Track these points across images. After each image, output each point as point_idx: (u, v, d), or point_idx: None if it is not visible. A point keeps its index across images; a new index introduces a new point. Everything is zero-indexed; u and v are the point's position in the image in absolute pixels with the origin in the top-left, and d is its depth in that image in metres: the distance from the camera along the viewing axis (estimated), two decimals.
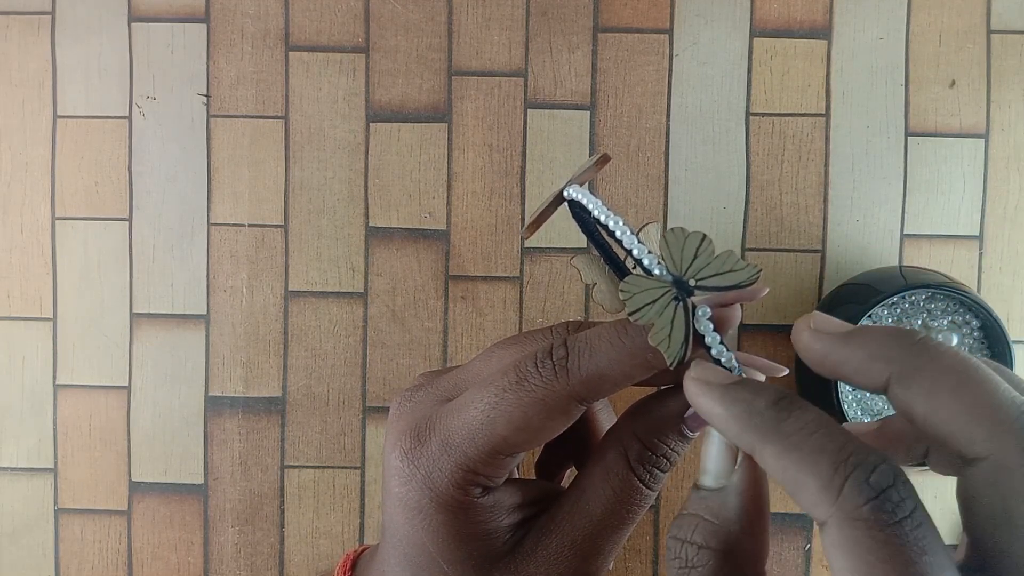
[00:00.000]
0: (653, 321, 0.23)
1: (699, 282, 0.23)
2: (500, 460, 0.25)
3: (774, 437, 0.19)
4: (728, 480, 0.21)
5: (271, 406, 0.42)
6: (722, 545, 0.20)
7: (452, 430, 0.25)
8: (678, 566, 0.21)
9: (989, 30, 0.41)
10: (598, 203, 0.25)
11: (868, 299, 0.36)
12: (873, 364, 0.20)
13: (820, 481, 0.18)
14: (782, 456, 0.19)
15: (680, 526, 0.21)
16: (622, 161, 0.42)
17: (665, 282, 0.23)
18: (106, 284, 0.42)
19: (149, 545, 0.42)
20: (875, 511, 0.17)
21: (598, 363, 0.24)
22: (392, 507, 0.26)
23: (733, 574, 0.20)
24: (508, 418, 0.24)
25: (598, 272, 0.25)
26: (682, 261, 0.23)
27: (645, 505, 0.26)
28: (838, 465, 0.18)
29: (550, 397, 0.24)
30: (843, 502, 0.18)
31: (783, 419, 0.20)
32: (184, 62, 0.42)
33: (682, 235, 0.23)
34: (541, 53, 0.42)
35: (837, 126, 0.41)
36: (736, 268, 0.23)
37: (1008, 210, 0.41)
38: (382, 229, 0.42)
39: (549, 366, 0.24)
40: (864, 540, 0.17)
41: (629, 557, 0.42)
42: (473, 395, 0.25)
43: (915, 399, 0.19)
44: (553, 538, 0.26)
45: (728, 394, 0.21)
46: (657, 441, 0.25)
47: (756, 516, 0.21)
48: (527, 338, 0.27)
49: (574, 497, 0.26)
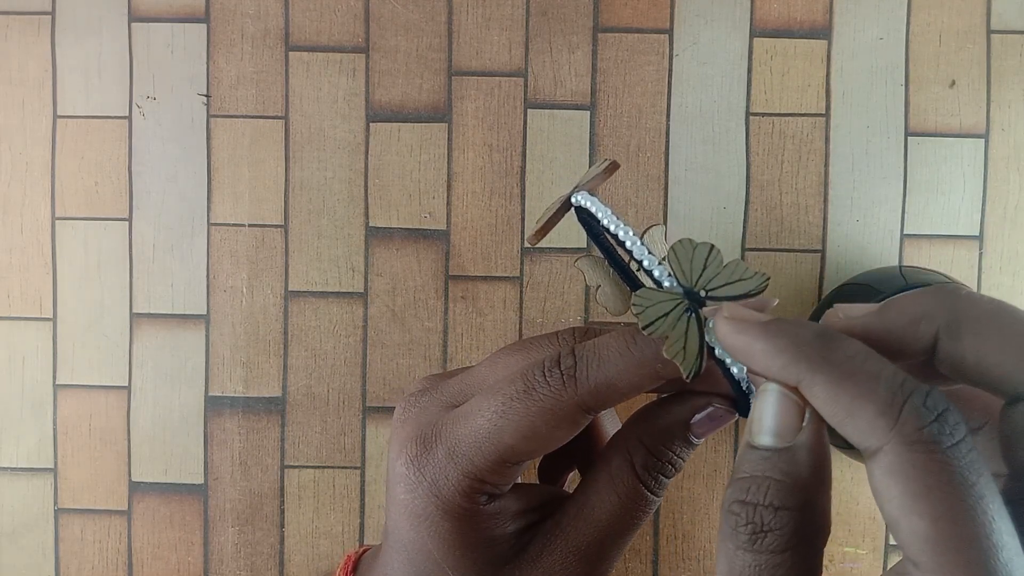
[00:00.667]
0: (667, 334, 0.23)
1: (710, 292, 0.23)
2: (507, 468, 0.25)
3: (825, 366, 0.19)
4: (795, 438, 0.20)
5: (271, 406, 0.42)
6: (799, 504, 0.19)
7: (459, 438, 0.25)
8: (749, 532, 0.19)
9: (989, 30, 0.41)
10: (607, 211, 0.25)
11: (868, 299, 0.36)
12: (917, 325, 0.20)
13: (877, 407, 0.18)
14: (835, 384, 0.19)
15: (746, 490, 0.20)
16: (622, 161, 0.42)
17: (676, 294, 0.23)
18: (106, 284, 0.42)
19: (149, 545, 0.42)
20: (934, 434, 0.17)
21: (607, 373, 0.24)
22: (397, 513, 0.26)
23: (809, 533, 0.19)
24: (515, 427, 0.24)
25: (602, 275, 0.25)
26: (692, 272, 0.23)
27: (650, 511, 0.26)
28: (895, 390, 0.18)
29: (558, 407, 0.24)
30: (902, 426, 0.17)
31: (832, 348, 0.19)
32: (184, 62, 0.42)
33: (691, 246, 0.23)
34: (541, 53, 0.42)
35: (837, 126, 0.41)
36: (745, 277, 0.23)
37: (1008, 210, 0.41)
38: (382, 229, 0.42)
39: (557, 375, 0.24)
40: (923, 463, 0.17)
41: (629, 557, 0.42)
42: (480, 403, 0.25)
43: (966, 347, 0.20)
44: (558, 544, 0.26)
45: (771, 327, 0.20)
46: (663, 448, 0.25)
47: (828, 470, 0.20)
48: (533, 345, 0.27)
49: (579, 503, 0.26)
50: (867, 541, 0.41)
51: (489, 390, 0.25)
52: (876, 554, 0.41)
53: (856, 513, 0.41)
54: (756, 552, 0.19)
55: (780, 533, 0.19)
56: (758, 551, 0.19)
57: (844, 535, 0.42)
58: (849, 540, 0.42)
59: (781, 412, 0.20)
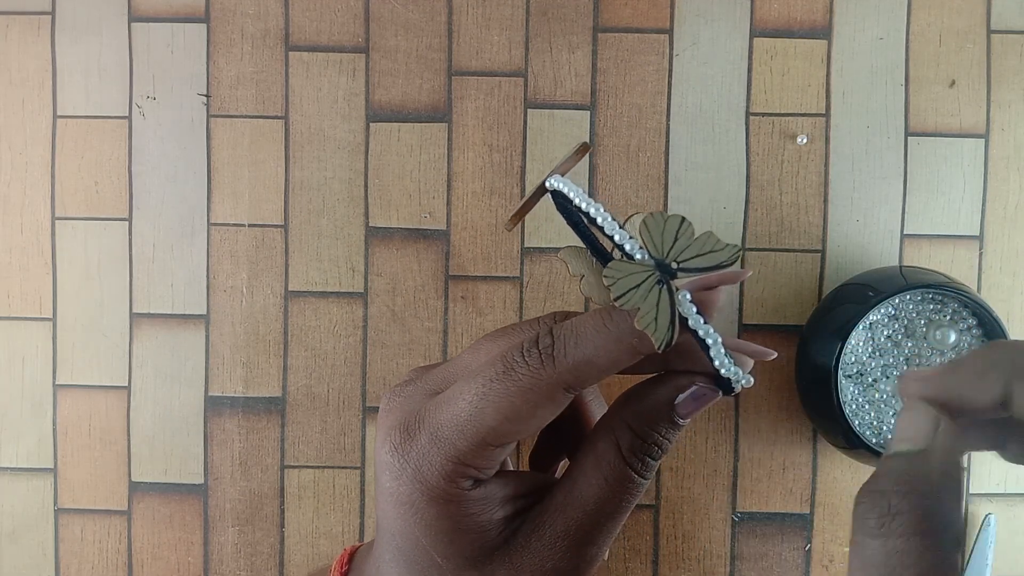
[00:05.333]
0: (638, 305, 0.23)
1: (681, 264, 0.23)
2: (490, 451, 0.25)
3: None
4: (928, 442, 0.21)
5: (271, 406, 0.42)
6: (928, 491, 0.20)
7: (441, 423, 0.25)
8: (877, 515, 0.20)
9: (989, 30, 0.41)
10: (579, 191, 0.25)
11: (868, 299, 0.36)
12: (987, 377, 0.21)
13: None
14: None
15: (878, 481, 0.21)
16: (622, 161, 0.42)
17: (648, 266, 0.23)
18: (106, 284, 0.42)
19: (149, 545, 0.42)
20: None
21: (584, 350, 0.24)
22: (384, 502, 0.26)
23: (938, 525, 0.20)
24: (496, 408, 0.24)
25: (585, 264, 0.25)
26: (663, 244, 0.23)
27: (638, 494, 0.26)
28: None
29: (537, 385, 0.24)
30: None
31: None
32: (184, 62, 0.42)
33: (661, 219, 0.23)
34: (541, 53, 0.42)
35: (837, 126, 0.41)
36: (716, 248, 0.23)
37: (1008, 210, 0.41)
38: (382, 229, 0.42)
39: (535, 355, 0.24)
40: None
41: (629, 557, 0.42)
42: (461, 387, 0.25)
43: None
44: (547, 529, 0.26)
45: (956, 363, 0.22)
46: (648, 429, 0.25)
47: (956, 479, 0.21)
48: (514, 329, 0.27)
49: (567, 487, 0.26)
50: None
51: (470, 374, 0.25)
52: None
53: None
54: (884, 536, 0.20)
55: (909, 516, 0.20)
56: (886, 535, 0.20)
57: (844, 535, 0.42)
58: (849, 540, 0.42)
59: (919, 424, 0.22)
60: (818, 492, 0.42)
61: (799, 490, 0.41)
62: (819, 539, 0.42)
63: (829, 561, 0.42)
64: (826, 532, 0.42)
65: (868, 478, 0.22)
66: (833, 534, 0.42)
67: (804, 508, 0.42)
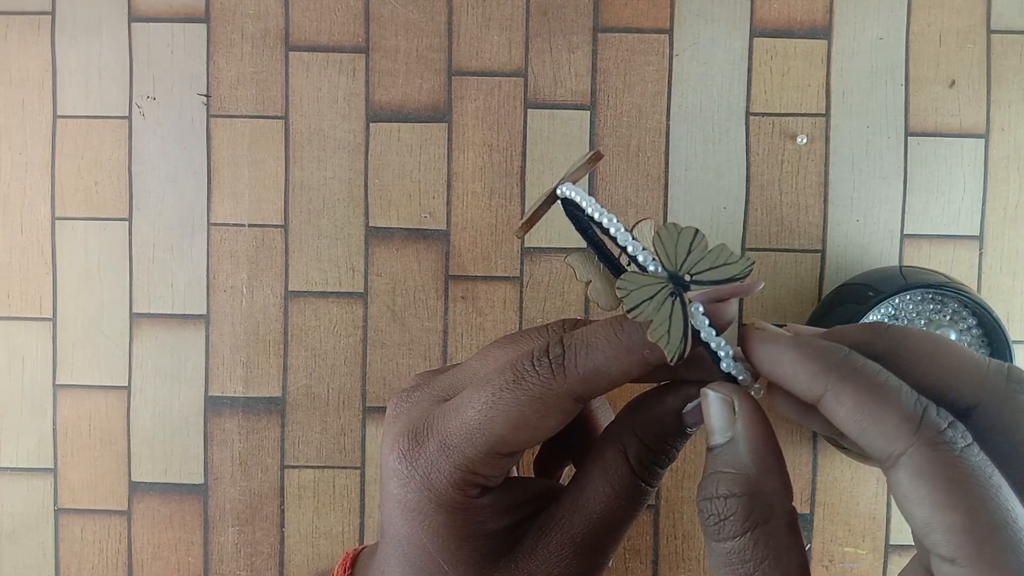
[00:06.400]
0: (651, 317, 0.23)
1: (694, 277, 0.23)
2: (498, 460, 0.25)
3: (856, 376, 0.21)
4: (733, 430, 0.23)
5: (271, 406, 0.42)
6: (745, 489, 0.22)
7: (450, 431, 0.25)
8: (713, 522, 0.22)
9: (989, 30, 0.41)
10: (592, 201, 0.25)
11: (868, 299, 0.36)
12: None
13: (903, 412, 0.20)
14: (864, 392, 0.20)
15: (705, 487, 0.22)
16: (622, 161, 0.42)
17: (661, 278, 0.23)
18: (106, 284, 0.42)
19: (149, 545, 0.42)
20: (952, 436, 0.19)
21: (595, 360, 0.24)
22: (391, 508, 0.26)
23: (763, 514, 0.21)
24: (505, 417, 0.24)
25: (592, 270, 0.25)
26: (676, 256, 0.23)
27: (644, 502, 0.26)
28: (915, 400, 0.20)
29: (547, 395, 0.24)
30: (924, 429, 0.19)
31: (860, 362, 0.21)
32: (184, 62, 0.42)
33: (675, 230, 0.23)
34: (541, 53, 0.42)
35: (837, 126, 0.41)
36: (730, 261, 0.23)
37: (1008, 210, 0.41)
38: (382, 229, 0.42)
39: (546, 364, 0.24)
40: (950, 461, 0.19)
41: (629, 557, 0.42)
42: (470, 395, 0.25)
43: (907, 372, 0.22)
44: (553, 536, 0.26)
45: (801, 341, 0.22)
46: (655, 438, 0.25)
47: (768, 455, 0.22)
48: (523, 336, 0.27)
49: (573, 495, 0.26)
50: (867, 541, 0.41)
51: (479, 382, 0.25)
52: (876, 554, 0.41)
53: (856, 513, 0.41)
54: (722, 541, 0.21)
55: (735, 518, 0.21)
56: (723, 539, 0.21)
57: (844, 535, 0.42)
58: (849, 540, 0.42)
59: (719, 412, 0.23)
60: (818, 492, 0.42)
61: (799, 490, 0.41)
62: (819, 539, 0.42)
63: (829, 561, 0.42)
64: (826, 532, 0.42)
65: (700, 480, 0.23)
66: (833, 534, 0.42)
67: (804, 508, 0.42)
